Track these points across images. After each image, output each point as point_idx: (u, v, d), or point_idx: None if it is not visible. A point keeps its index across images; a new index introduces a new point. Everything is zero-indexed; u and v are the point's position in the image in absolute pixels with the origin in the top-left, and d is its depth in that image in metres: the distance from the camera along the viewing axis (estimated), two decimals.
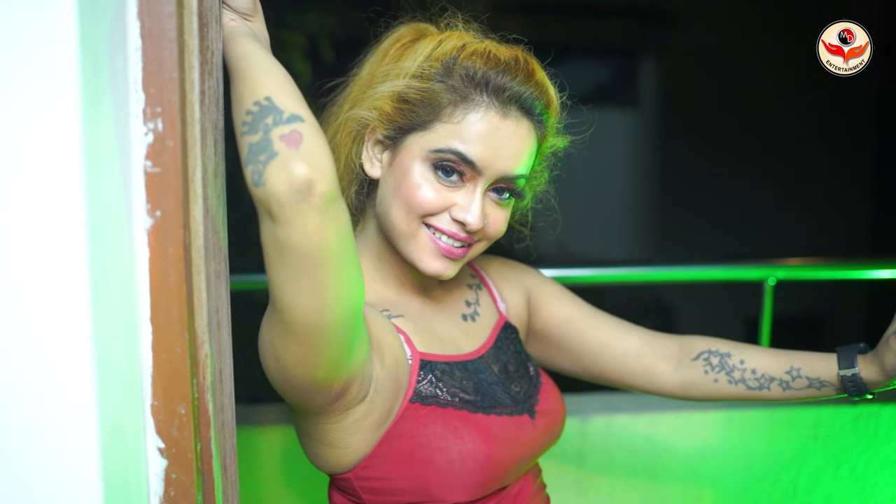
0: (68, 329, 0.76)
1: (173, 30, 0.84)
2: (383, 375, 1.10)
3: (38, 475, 0.78)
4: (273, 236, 0.88)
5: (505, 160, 1.13)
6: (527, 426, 1.23)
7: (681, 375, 1.41)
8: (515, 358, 1.33)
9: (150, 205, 0.85)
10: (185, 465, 0.90)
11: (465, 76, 1.13)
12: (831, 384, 1.30)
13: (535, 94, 1.15)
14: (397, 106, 1.15)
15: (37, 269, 0.75)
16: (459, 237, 1.15)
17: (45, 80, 0.73)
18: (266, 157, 0.85)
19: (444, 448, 1.13)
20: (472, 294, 1.36)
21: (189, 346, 0.89)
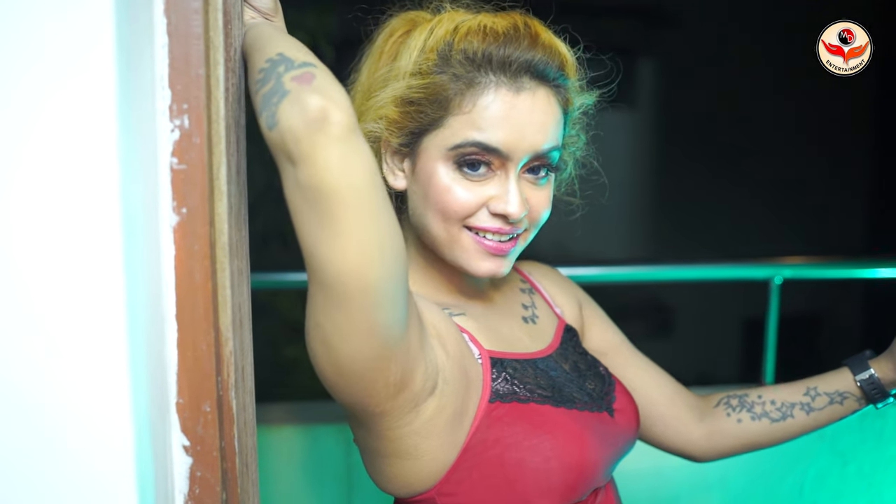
0: (104, 328, 0.76)
1: (200, 26, 0.84)
2: (450, 365, 1.02)
3: (70, 470, 0.78)
4: (296, 182, 0.82)
5: (531, 137, 1.05)
6: (608, 423, 1.16)
7: (706, 425, 1.36)
8: (583, 358, 1.26)
9: (175, 202, 0.85)
10: (210, 462, 0.90)
11: (465, 59, 1.05)
12: (852, 394, 1.29)
13: (545, 57, 1.06)
14: (403, 110, 1.08)
15: (74, 266, 0.76)
16: (504, 231, 1.08)
17: (83, 76, 0.73)
18: (278, 98, 0.82)
19: (536, 446, 1.04)
20: (526, 297, 1.29)
21: (214, 344, 0.88)
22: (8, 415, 0.77)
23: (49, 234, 0.75)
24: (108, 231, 0.74)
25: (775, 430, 1.32)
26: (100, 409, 0.77)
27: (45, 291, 0.76)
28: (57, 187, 0.75)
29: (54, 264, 0.75)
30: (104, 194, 0.74)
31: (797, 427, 1.31)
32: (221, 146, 0.88)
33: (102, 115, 0.73)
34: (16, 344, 0.77)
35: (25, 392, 0.78)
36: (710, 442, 1.35)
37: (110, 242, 0.75)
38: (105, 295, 0.75)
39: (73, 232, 0.75)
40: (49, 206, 0.75)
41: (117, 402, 0.77)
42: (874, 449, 2.27)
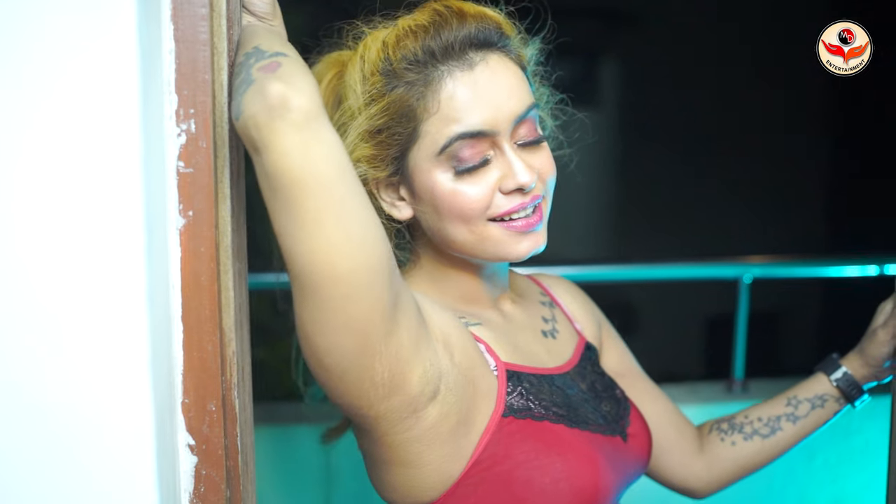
0: (125, 329, 0.77)
1: (206, 32, 0.85)
2: (455, 373, 0.99)
3: (91, 472, 0.79)
4: (261, 170, 0.82)
5: (505, 104, 1.04)
6: (621, 447, 1.13)
7: (705, 455, 1.36)
8: (601, 378, 1.23)
9: (182, 205, 0.87)
10: (216, 461, 0.91)
11: (410, 64, 1.04)
12: (830, 396, 1.33)
13: (480, 25, 1.05)
14: (375, 142, 1.07)
15: (96, 267, 0.78)
16: (526, 204, 1.05)
17: (108, 79, 0.75)
18: (244, 88, 0.81)
19: (546, 466, 1.02)
20: (547, 311, 1.26)
21: (219, 345, 0.90)
22: (29, 416, 0.80)
23: (74, 237, 0.78)
24: (131, 235, 0.76)
25: (767, 446, 1.34)
26: (122, 410, 0.78)
27: (67, 295, 0.78)
28: (81, 191, 0.77)
29: (77, 267, 0.78)
30: (128, 198, 0.76)
31: (787, 438, 1.34)
32: (225, 150, 0.90)
33: (126, 120, 0.75)
34: (39, 345, 0.80)
35: (47, 392, 0.80)
36: (711, 472, 1.36)
37: (133, 246, 0.76)
38: (127, 297, 0.77)
39: (98, 234, 0.76)
40: (73, 208, 0.77)
41: (139, 402, 0.79)
42: (840, 442, 2.33)
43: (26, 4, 0.75)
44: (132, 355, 0.78)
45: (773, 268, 2.46)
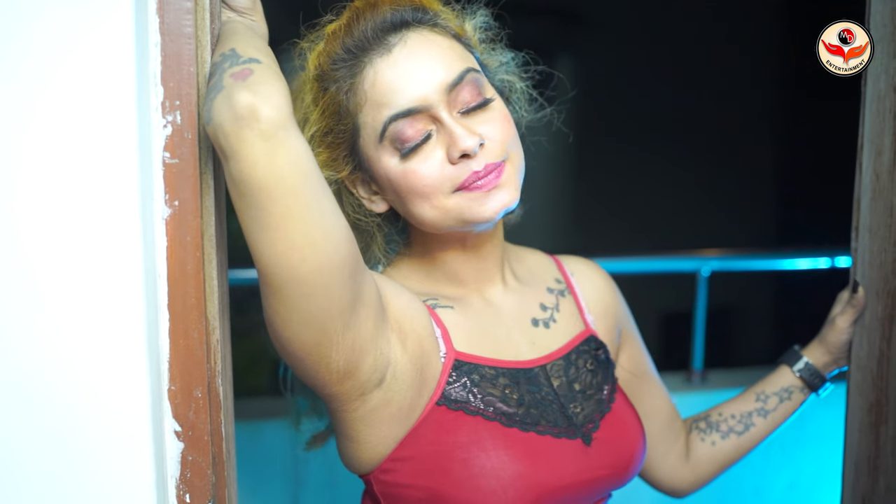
0: (123, 319, 0.79)
1: (191, 26, 0.87)
2: (404, 361, 1.03)
3: (92, 453, 0.80)
4: (229, 175, 0.85)
5: (431, 76, 1.04)
6: (577, 452, 1.10)
7: (690, 455, 1.39)
8: (589, 376, 1.19)
9: (168, 195, 0.88)
10: (202, 447, 0.93)
11: (335, 65, 1.07)
12: (795, 387, 1.37)
13: (391, 9, 1.06)
14: (325, 143, 1.11)
15: (95, 257, 0.82)
16: (480, 174, 1.05)
17: (104, 72, 0.77)
18: (215, 94, 0.83)
19: (466, 459, 1.04)
20: (550, 298, 1.24)
21: (205, 332, 0.92)
22: (34, 406, 0.83)
23: (75, 227, 0.81)
24: (128, 225, 0.78)
25: (742, 442, 1.38)
26: (117, 397, 0.80)
27: (66, 285, 0.81)
28: (79, 181, 0.80)
29: (74, 255, 0.81)
30: (125, 188, 0.78)
31: (760, 432, 1.38)
32: (209, 142, 0.91)
33: (123, 112, 0.76)
34: (44, 337, 0.83)
35: (52, 383, 0.82)
36: (695, 473, 1.39)
37: (130, 236, 0.78)
38: (125, 286, 0.78)
39: (97, 224, 0.78)
40: (72, 198, 0.81)
41: (136, 391, 0.81)
42: (794, 429, 2.40)
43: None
44: (127, 343, 0.80)
45: (731, 261, 2.53)
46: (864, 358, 1.27)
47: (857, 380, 1.28)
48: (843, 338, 1.32)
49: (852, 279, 1.29)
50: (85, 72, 0.79)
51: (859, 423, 1.26)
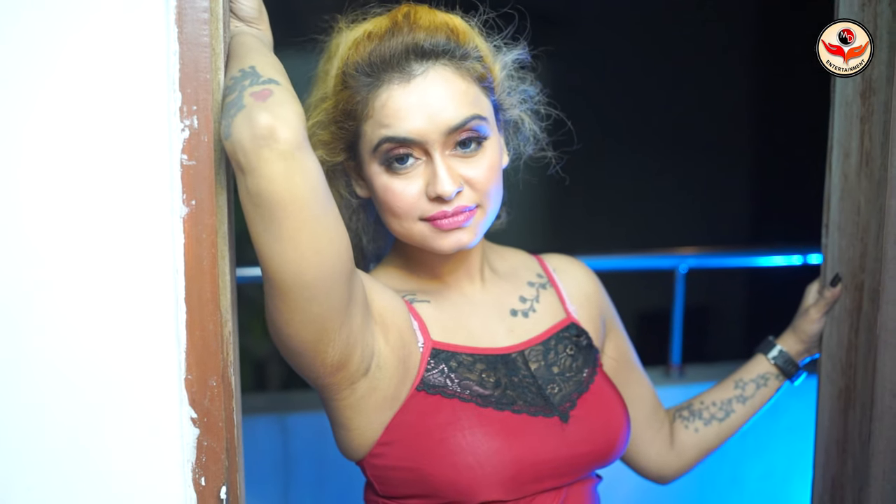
0: (156, 311, 0.84)
1: (207, 36, 0.92)
2: (387, 352, 1.10)
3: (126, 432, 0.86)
4: (245, 188, 0.91)
5: (436, 116, 1.09)
6: (554, 429, 1.16)
7: (674, 442, 1.45)
8: (569, 360, 1.25)
9: (185, 195, 0.94)
10: (217, 433, 0.98)
11: (357, 71, 1.11)
12: (771, 374, 1.44)
13: (427, 36, 1.09)
14: (329, 131, 1.17)
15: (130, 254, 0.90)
16: (449, 214, 1.11)
17: (135, 82, 0.83)
18: (235, 111, 0.89)
19: (444, 439, 1.10)
20: (531, 291, 1.30)
21: (219, 324, 0.97)
22: (74, 397, 0.91)
23: (111, 226, 0.90)
24: (159, 224, 0.83)
25: (723, 428, 1.44)
26: (147, 384, 0.86)
27: (111, 284, 0.90)
28: (114, 183, 0.89)
29: (111, 252, 0.89)
30: (157, 190, 0.84)
31: (739, 418, 1.45)
32: (222, 145, 0.97)
33: (154, 117, 0.82)
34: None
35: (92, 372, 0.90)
36: (680, 459, 1.45)
37: (161, 234, 0.83)
38: (152, 283, 0.84)
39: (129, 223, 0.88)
40: (107, 196, 0.88)
41: (169, 381, 0.87)
42: (769, 421, 2.48)
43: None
44: (160, 334, 0.86)
45: (708, 258, 2.61)
46: (833, 347, 1.34)
47: (828, 368, 1.35)
48: (815, 327, 1.39)
49: (823, 274, 1.36)
50: (116, 80, 0.85)
51: (829, 408, 1.34)
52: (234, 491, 1.02)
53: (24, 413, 0.92)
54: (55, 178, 0.90)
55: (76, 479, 0.95)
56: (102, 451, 0.95)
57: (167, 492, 0.98)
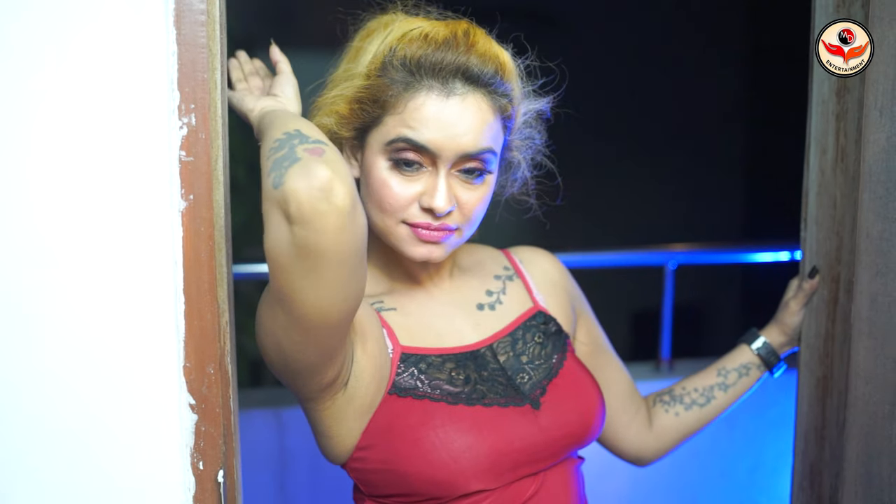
0: (155, 303, 0.88)
1: (205, 37, 0.96)
2: (364, 361, 1.13)
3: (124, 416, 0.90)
4: (290, 237, 0.91)
5: (458, 138, 1.12)
6: (527, 417, 1.19)
7: (653, 425, 1.49)
8: (538, 348, 1.28)
9: (184, 189, 0.98)
10: (214, 418, 1.02)
11: (402, 66, 1.13)
12: (753, 364, 1.48)
13: (479, 62, 1.13)
14: (351, 108, 1.17)
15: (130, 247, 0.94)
16: (432, 227, 1.15)
17: (137, 82, 0.87)
18: (289, 163, 0.90)
19: (417, 439, 1.13)
20: (497, 284, 1.34)
21: (217, 314, 1.01)
22: (76, 385, 0.95)
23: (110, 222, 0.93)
24: (160, 218, 0.87)
25: (704, 413, 1.48)
26: (150, 372, 0.90)
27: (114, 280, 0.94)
28: (116, 178, 0.93)
29: (114, 245, 0.93)
30: (154, 185, 0.88)
31: (720, 405, 1.49)
32: (219, 141, 1.01)
33: (155, 114, 0.86)
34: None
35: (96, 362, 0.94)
36: (659, 441, 1.48)
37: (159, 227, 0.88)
38: (152, 274, 0.88)
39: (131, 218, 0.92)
40: (109, 191, 0.92)
41: (168, 369, 0.91)
42: (757, 415, 2.54)
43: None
44: (160, 323, 0.90)
45: (696, 255, 2.66)
46: (812, 337, 1.38)
47: (807, 357, 1.39)
48: (795, 319, 1.43)
49: (803, 267, 1.41)
50: (118, 80, 0.89)
51: (808, 396, 1.38)
52: (232, 475, 1.06)
53: (29, 399, 0.97)
54: (60, 173, 0.94)
55: (78, 464, 0.99)
56: (104, 437, 0.99)
57: (167, 476, 1.01)
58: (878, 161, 1.12)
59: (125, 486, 1.01)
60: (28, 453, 0.98)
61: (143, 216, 0.96)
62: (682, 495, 2.54)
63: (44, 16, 0.91)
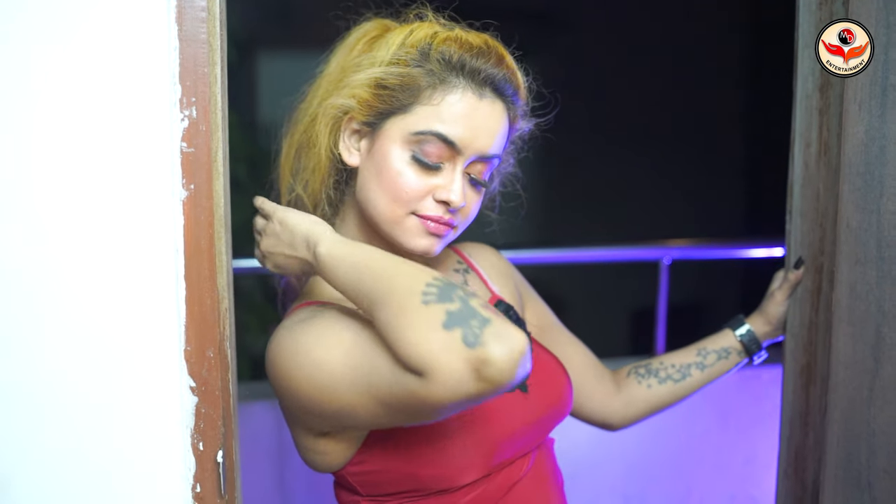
0: (158, 289, 0.93)
1: (205, 33, 1.00)
2: None
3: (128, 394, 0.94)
4: (471, 390, 0.91)
5: (482, 139, 1.17)
6: (518, 401, 1.23)
7: (622, 395, 1.53)
8: None
9: (185, 179, 1.02)
10: (213, 400, 1.06)
11: (442, 60, 1.17)
12: (734, 349, 1.52)
13: (507, 75, 1.19)
14: (376, 92, 1.18)
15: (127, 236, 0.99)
16: (444, 220, 1.18)
17: (139, 75, 0.90)
18: (479, 323, 0.91)
19: (429, 436, 1.15)
20: (458, 277, 1.39)
21: (217, 300, 1.05)
22: (81, 367, 0.99)
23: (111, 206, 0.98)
24: (165, 206, 0.92)
25: (678, 388, 1.52)
26: (156, 360, 0.95)
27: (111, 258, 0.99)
28: (118, 169, 0.97)
29: (115, 228, 0.97)
30: (155, 175, 0.92)
31: (695, 382, 1.53)
32: (219, 133, 1.05)
33: (158, 106, 0.90)
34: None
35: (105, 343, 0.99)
36: (627, 409, 1.52)
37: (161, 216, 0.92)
38: (160, 260, 0.92)
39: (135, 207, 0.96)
40: (110, 180, 0.97)
41: (169, 352, 0.96)
42: (750, 407, 2.57)
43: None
44: (161, 308, 0.94)
45: (690, 251, 2.69)
46: (796, 326, 1.42)
47: (791, 346, 1.43)
48: (780, 310, 1.47)
49: (789, 258, 1.44)
50: (122, 74, 0.93)
51: (793, 384, 1.42)
52: (230, 456, 1.10)
53: (35, 381, 1.01)
54: (66, 164, 0.98)
55: (83, 444, 1.03)
56: (107, 418, 1.03)
57: (168, 456, 1.05)
58: (857, 154, 1.16)
59: (128, 466, 1.05)
60: (34, 433, 1.02)
61: (145, 205, 1.01)
62: (677, 487, 2.58)
63: (51, 12, 0.95)
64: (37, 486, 1.02)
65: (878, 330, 1.14)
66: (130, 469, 1.05)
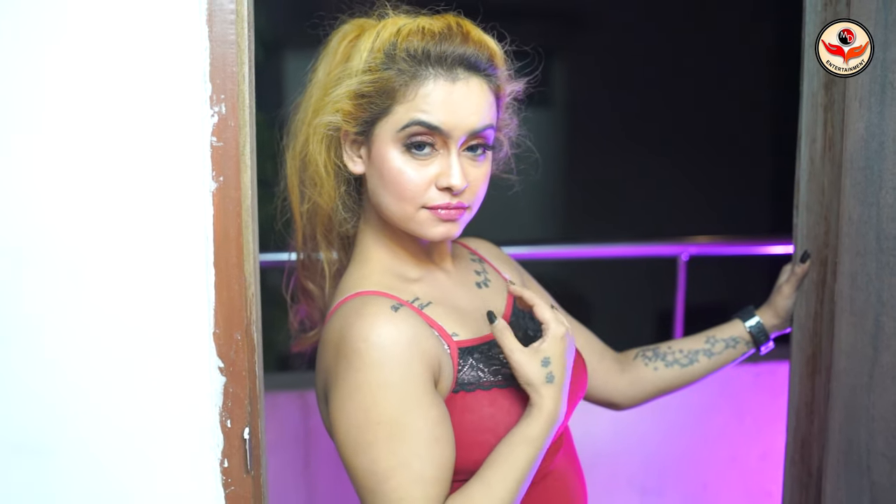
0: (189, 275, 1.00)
1: (234, 34, 1.07)
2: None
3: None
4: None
5: (467, 118, 1.19)
6: None
7: (628, 375, 1.57)
8: (532, 323, 1.38)
9: (214, 172, 1.08)
10: (241, 381, 1.13)
11: (408, 57, 1.19)
12: (742, 339, 1.55)
13: (476, 51, 1.21)
14: (356, 102, 1.22)
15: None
16: (452, 206, 1.21)
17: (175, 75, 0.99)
18: None
19: (494, 428, 1.20)
20: (478, 265, 1.43)
21: (244, 286, 1.12)
22: (117, 346, 1.07)
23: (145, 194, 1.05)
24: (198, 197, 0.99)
25: (684, 373, 1.57)
26: (187, 342, 1.01)
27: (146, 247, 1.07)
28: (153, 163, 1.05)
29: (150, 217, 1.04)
30: (190, 167, 1.00)
31: (701, 369, 1.57)
32: (246, 129, 1.11)
33: (195, 104, 0.97)
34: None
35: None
36: (633, 389, 1.56)
37: (196, 204, 0.98)
38: (190, 248, 0.99)
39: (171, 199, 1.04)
40: (144, 175, 1.05)
41: (199, 334, 1.06)
42: (766, 403, 2.60)
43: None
44: (192, 292, 1.02)
45: (710, 247, 2.73)
46: (803, 318, 1.46)
47: (798, 337, 1.47)
48: (788, 302, 1.51)
49: (796, 251, 1.48)
50: (156, 74, 1.00)
51: (799, 374, 1.46)
52: (256, 433, 1.16)
53: (80, 359, 1.08)
54: (104, 157, 1.05)
55: (121, 420, 1.10)
56: (143, 396, 1.10)
57: (199, 432, 1.12)
58: (858, 149, 1.20)
59: (160, 440, 1.12)
60: (76, 408, 1.09)
61: (178, 196, 1.07)
62: (693, 481, 2.62)
63: (89, 16, 1.02)
64: (79, 456, 1.09)
65: (877, 319, 1.18)
66: (164, 444, 1.12)
